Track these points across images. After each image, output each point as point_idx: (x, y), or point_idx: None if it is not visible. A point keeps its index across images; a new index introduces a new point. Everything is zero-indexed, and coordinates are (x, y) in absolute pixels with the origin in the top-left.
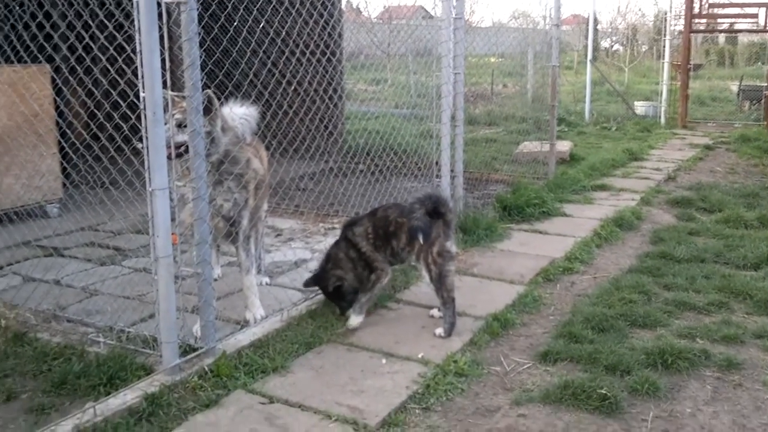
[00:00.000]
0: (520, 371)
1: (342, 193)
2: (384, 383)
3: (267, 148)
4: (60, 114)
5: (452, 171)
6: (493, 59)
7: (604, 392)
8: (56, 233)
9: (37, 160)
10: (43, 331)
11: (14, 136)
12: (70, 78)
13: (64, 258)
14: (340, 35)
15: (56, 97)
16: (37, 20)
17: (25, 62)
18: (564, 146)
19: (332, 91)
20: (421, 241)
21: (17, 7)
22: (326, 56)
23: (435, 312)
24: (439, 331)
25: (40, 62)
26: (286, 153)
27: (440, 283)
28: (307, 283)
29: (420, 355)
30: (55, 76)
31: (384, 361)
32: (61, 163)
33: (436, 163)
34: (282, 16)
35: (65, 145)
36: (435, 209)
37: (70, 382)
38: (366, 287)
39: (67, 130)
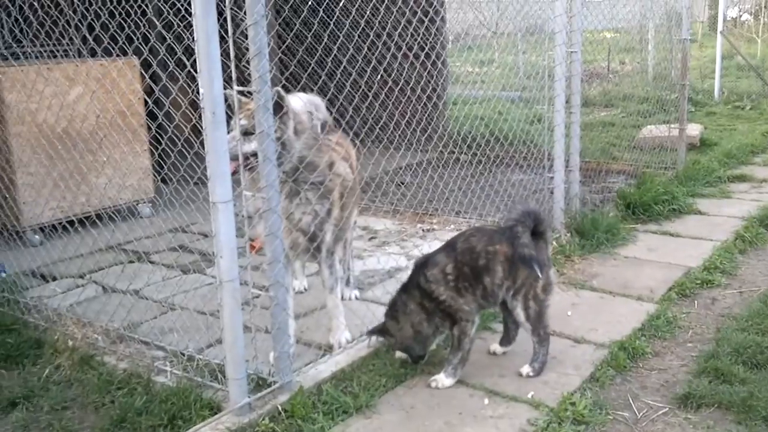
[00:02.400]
0: (654, 419)
1: (442, 189)
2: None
3: (359, 140)
4: (153, 109)
5: (567, 164)
6: (608, 34)
7: None
8: (146, 235)
9: (128, 158)
10: (111, 354)
11: (105, 133)
12: (160, 72)
13: (148, 264)
14: (443, 14)
15: (152, 91)
16: (120, 11)
17: (116, 55)
18: (693, 130)
19: (433, 75)
20: (539, 273)
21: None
22: (425, 35)
23: (497, 348)
24: (527, 370)
25: (129, 55)
26: (380, 144)
27: (538, 321)
28: (372, 332)
29: (530, 395)
30: (143, 73)
31: (486, 401)
32: (154, 161)
33: (548, 154)
34: None
35: (163, 141)
36: (535, 229)
37: (130, 419)
38: (454, 345)
39: (166, 124)
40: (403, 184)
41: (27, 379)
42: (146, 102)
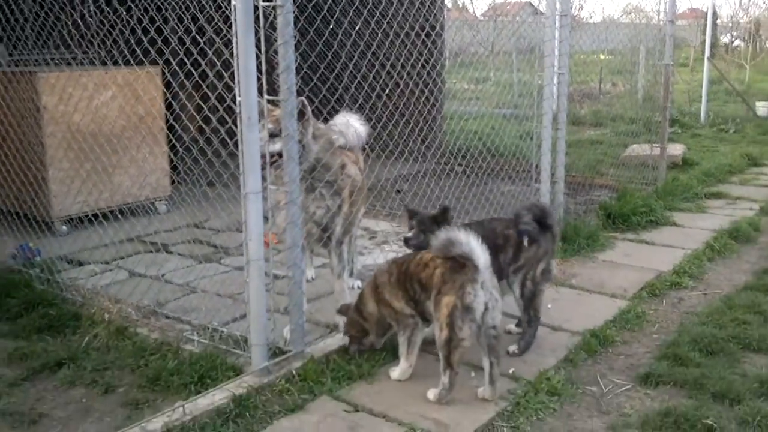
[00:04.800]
0: (618, 393)
1: (437, 196)
2: (471, 397)
3: (364, 150)
4: (173, 114)
5: (553, 176)
6: (602, 56)
7: (710, 422)
8: (163, 230)
9: (148, 159)
10: (143, 326)
11: (129, 135)
12: (186, 82)
13: (168, 254)
14: (441, 34)
15: (170, 99)
16: (149, 23)
17: (140, 64)
18: (676, 150)
19: (431, 91)
20: (526, 243)
21: (136, 11)
22: (426, 56)
23: (512, 327)
24: (513, 348)
25: (154, 64)
26: (382, 154)
27: (530, 301)
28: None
29: (511, 371)
30: (171, 80)
31: (473, 374)
32: (171, 162)
33: (536, 166)
34: (379, 17)
35: (177, 144)
36: (542, 219)
37: (164, 378)
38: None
39: (181, 131)
40: (400, 191)
41: (69, 345)
42: (167, 108)
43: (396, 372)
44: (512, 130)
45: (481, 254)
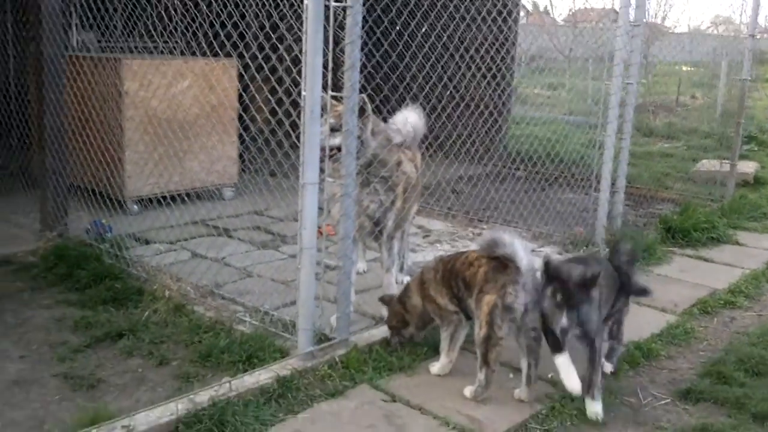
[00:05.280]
0: (656, 406)
1: (495, 199)
2: (507, 398)
3: (427, 149)
4: (242, 105)
5: (613, 185)
6: (685, 68)
7: None
8: (226, 215)
9: (218, 147)
10: (200, 305)
11: (201, 123)
12: (257, 75)
13: (229, 239)
14: (514, 38)
15: (241, 91)
16: (227, 17)
17: (216, 56)
18: (749, 167)
19: (498, 93)
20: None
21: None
22: (495, 59)
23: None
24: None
25: (229, 57)
26: (443, 154)
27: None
28: None
29: (550, 375)
30: (243, 72)
31: (511, 375)
32: (239, 151)
33: (596, 175)
34: (447, 19)
35: (244, 134)
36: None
37: (215, 355)
38: None
39: (249, 121)
40: (456, 192)
41: (130, 318)
42: (238, 99)
43: (436, 367)
44: (580, 138)
45: (524, 256)
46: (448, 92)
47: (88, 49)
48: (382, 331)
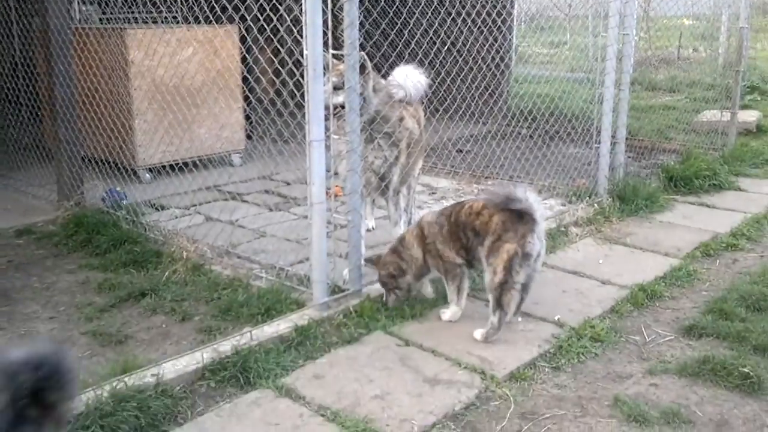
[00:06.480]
0: (660, 343)
1: (499, 156)
2: (516, 339)
3: (430, 110)
4: (248, 71)
5: (613, 137)
6: (686, 21)
7: (747, 371)
8: (237, 180)
9: (225, 113)
10: (217, 264)
11: (207, 90)
12: (259, 37)
13: (241, 203)
14: None
15: (245, 54)
16: None
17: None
18: (751, 116)
19: (498, 53)
20: None
21: None
22: (493, 17)
23: None
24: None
25: (231, 22)
26: (447, 114)
27: None
28: None
29: (556, 318)
30: (246, 36)
31: (520, 319)
32: (246, 117)
33: (597, 128)
34: None
35: (250, 95)
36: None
37: (234, 309)
38: None
39: (254, 83)
40: (462, 151)
41: (151, 278)
42: (242, 64)
43: (447, 314)
44: (583, 93)
45: (538, 208)
46: (446, 48)
47: (92, 22)
48: None
